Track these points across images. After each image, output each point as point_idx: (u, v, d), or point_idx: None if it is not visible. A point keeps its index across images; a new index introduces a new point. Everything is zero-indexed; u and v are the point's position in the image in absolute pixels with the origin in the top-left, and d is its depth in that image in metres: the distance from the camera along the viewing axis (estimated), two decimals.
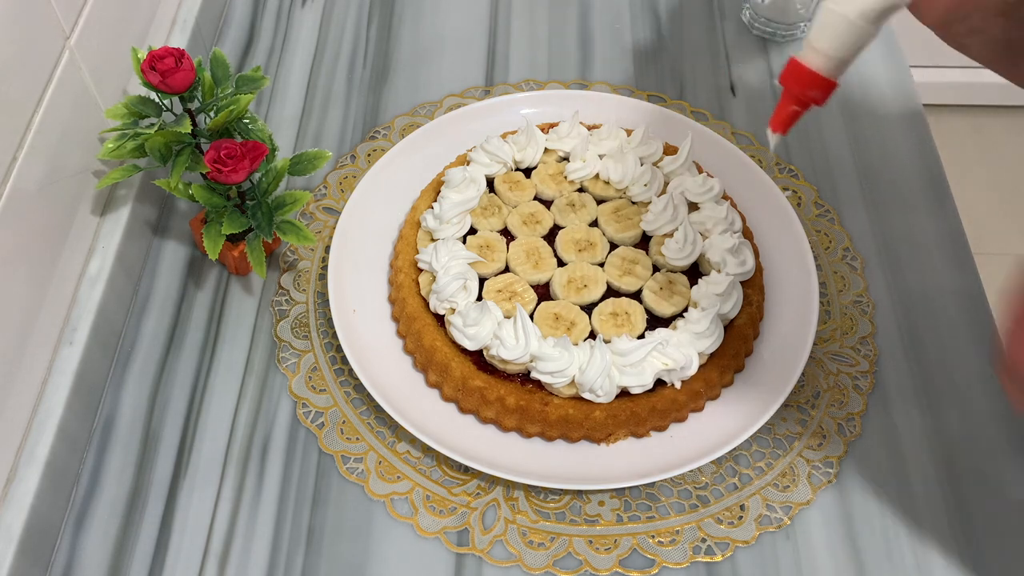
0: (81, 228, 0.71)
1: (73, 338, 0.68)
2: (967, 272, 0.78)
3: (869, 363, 0.73)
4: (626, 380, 0.64)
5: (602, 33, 0.95)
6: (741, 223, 0.74)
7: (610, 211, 0.74)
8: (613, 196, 0.76)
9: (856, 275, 0.77)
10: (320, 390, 0.70)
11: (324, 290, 0.75)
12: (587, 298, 0.69)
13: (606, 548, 0.64)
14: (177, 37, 0.85)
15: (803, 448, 0.68)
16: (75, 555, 0.64)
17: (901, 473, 0.67)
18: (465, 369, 0.66)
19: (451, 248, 0.69)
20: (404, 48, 0.94)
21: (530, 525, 0.65)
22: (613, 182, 0.76)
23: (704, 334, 0.66)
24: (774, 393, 0.67)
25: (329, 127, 0.87)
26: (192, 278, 0.77)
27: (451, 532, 0.64)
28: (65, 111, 0.67)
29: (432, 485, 0.66)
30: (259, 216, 0.70)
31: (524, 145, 0.77)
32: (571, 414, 0.65)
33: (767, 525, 0.65)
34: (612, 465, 0.66)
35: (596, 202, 0.76)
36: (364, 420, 0.69)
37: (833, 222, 0.81)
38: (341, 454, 0.67)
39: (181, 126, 0.67)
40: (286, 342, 0.73)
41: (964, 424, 0.70)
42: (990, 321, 0.75)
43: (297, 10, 0.97)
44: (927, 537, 0.64)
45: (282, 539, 0.64)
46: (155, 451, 0.68)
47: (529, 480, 0.64)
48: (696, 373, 0.66)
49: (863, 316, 0.75)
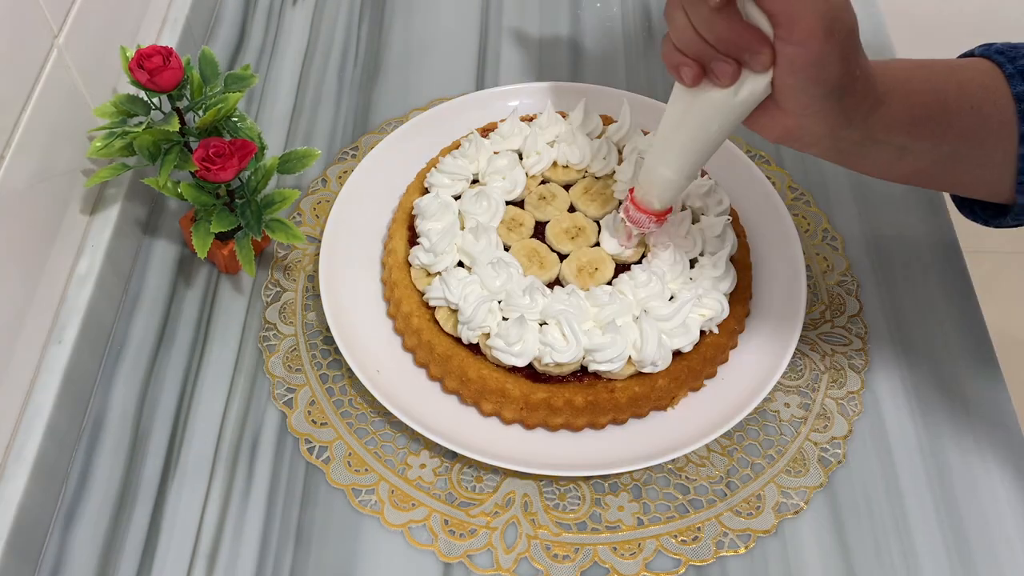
0: (70, 227, 0.71)
1: (62, 337, 0.68)
2: (941, 219, 0.81)
3: (861, 341, 0.74)
4: (677, 342, 0.66)
5: (593, 34, 0.95)
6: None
7: (581, 192, 0.75)
8: (576, 178, 0.77)
9: (838, 255, 0.79)
10: (322, 424, 0.69)
11: (317, 316, 0.75)
12: (600, 280, 0.70)
13: (631, 553, 0.64)
14: (167, 35, 0.85)
15: (809, 432, 0.69)
16: (64, 553, 0.64)
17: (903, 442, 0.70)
18: (523, 386, 0.66)
19: (459, 276, 0.68)
20: (395, 48, 0.94)
21: (552, 539, 0.64)
22: (573, 164, 0.76)
23: (722, 276, 0.69)
24: (783, 345, 0.70)
25: (320, 126, 0.87)
26: (182, 277, 0.77)
27: (475, 555, 0.63)
28: (53, 110, 0.67)
29: (449, 509, 0.65)
30: (248, 214, 0.70)
31: (474, 155, 0.76)
32: (638, 391, 0.66)
33: (785, 512, 0.65)
34: (641, 443, 0.67)
35: (563, 188, 0.76)
36: (371, 450, 0.68)
37: (809, 204, 0.82)
38: (352, 487, 0.66)
39: (169, 124, 0.67)
40: (279, 376, 0.73)
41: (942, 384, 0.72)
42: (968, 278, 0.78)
43: (288, 9, 0.97)
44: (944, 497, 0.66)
45: (271, 539, 0.64)
46: (144, 450, 0.68)
47: (568, 472, 0.65)
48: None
49: (849, 295, 0.76)
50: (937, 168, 0.57)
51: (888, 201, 0.83)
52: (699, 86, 0.52)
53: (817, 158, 0.84)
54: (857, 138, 0.53)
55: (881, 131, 0.53)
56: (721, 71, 0.50)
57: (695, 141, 0.57)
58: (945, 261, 0.79)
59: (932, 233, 0.81)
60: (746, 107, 0.52)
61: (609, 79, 0.91)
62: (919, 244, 0.80)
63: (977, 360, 0.73)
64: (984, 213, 0.63)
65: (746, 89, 0.51)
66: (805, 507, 0.66)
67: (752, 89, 0.51)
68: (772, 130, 0.53)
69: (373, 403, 0.70)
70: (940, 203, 0.83)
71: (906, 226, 0.81)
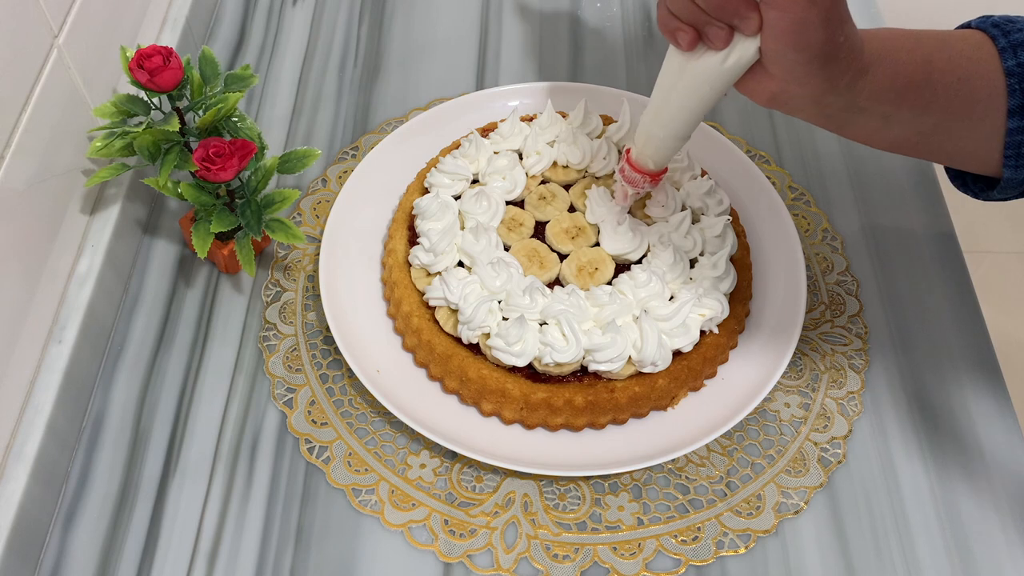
0: (70, 227, 0.71)
1: (62, 336, 0.68)
2: (941, 219, 0.81)
3: (862, 341, 0.74)
4: (677, 342, 0.66)
5: (593, 34, 0.95)
6: (699, 168, 0.76)
7: (580, 192, 0.75)
8: (576, 178, 0.77)
9: (838, 255, 0.79)
10: (322, 424, 0.69)
11: (317, 313, 0.75)
12: (600, 280, 0.70)
13: (631, 553, 0.64)
14: (168, 35, 0.85)
15: (809, 432, 0.69)
16: (64, 553, 0.64)
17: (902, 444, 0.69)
18: (523, 386, 0.66)
19: (459, 276, 0.68)
20: (395, 48, 0.94)
21: (552, 539, 0.64)
22: (573, 164, 0.76)
23: (722, 276, 0.70)
24: (784, 344, 0.70)
25: (320, 126, 0.87)
26: (182, 277, 0.77)
27: (475, 555, 0.63)
28: (54, 110, 0.67)
29: (449, 509, 0.65)
30: (248, 214, 0.70)
31: (474, 155, 0.76)
32: (638, 391, 0.66)
33: (785, 512, 0.66)
34: (641, 443, 0.67)
35: (563, 188, 0.76)
36: (371, 450, 0.68)
37: (809, 204, 0.82)
38: (352, 487, 0.66)
39: (169, 124, 0.67)
40: (279, 376, 0.73)
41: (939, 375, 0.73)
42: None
43: (288, 9, 0.97)
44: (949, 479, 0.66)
45: (271, 538, 0.64)
46: (144, 449, 0.68)
47: (572, 472, 0.65)
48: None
49: (849, 295, 0.76)
50: (923, 138, 0.58)
51: (888, 201, 0.83)
52: (692, 52, 0.55)
53: (817, 157, 0.85)
54: (842, 104, 0.54)
55: (866, 99, 0.54)
56: (714, 35, 0.53)
57: (687, 104, 0.59)
58: (945, 261, 0.79)
59: (932, 233, 0.81)
60: (736, 71, 0.54)
61: (609, 79, 0.91)
62: (919, 244, 0.80)
63: (977, 360, 0.73)
64: (975, 185, 0.63)
65: (735, 54, 0.53)
66: (805, 507, 0.66)
67: (741, 54, 0.53)
68: (760, 94, 0.55)
69: (373, 403, 0.70)
70: (940, 203, 0.83)
71: (906, 226, 0.81)
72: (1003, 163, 0.58)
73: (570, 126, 0.78)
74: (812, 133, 0.87)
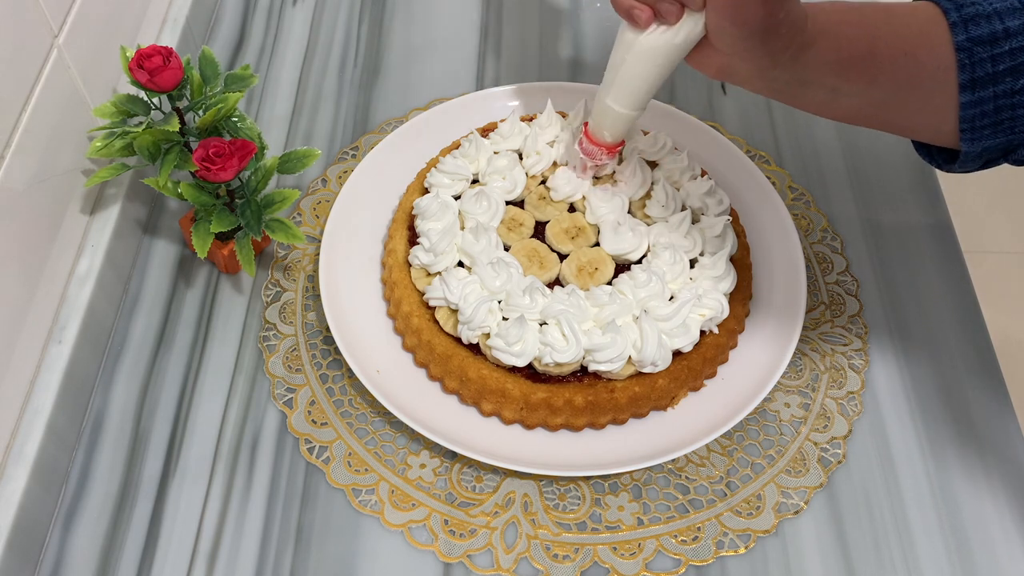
0: (70, 227, 0.71)
1: (62, 337, 0.68)
2: (942, 219, 0.81)
3: (862, 341, 0.74)
4: (677, 342, 0.66)
5: (593, 34, 0.95)
6: (700, 169, 0.77)
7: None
8: None
9: (838, 255, 0.79)
10: (322, 424, 0.69)
11: (316, 313, 0.75)
12: (600, 280, 0.70)
13: (631, 553, 0.64)
14: (167, 35, 0.85)
15: (809, 432, 0.69)
16: (64, 553, 0.64)
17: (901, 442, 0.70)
18: (523, 386, 0.66)
19: (459, 276, 0.68)
20: (395, 48, 0.94)
21: (552, 539, 0.64)
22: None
23: (722, 276, 0.70)
24: (786, 339, 0.70)
25: (320, 126, 0.87)
26: (182, 277, 0.77)
27: (475, 555, 0.64)
28: (53, 110, 0.67)
29: (449, 509, 0.65)
30: (248, 214, 0.70)
31: (474, 155, 0.76)
32: (638, 391, 0.66)
33: (785, 512, 0.66)
34: (641, 443, 0.67)
35: None
36: (371, 450, 0.68)
37: (809, 204, 0.82)
38: (352, 487, 0.66)
39: (169, 124, 0.67)
40: (279, 376, 0.73)
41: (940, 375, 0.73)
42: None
43: (288, 9, 0.97)
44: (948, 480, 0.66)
45: (271, 538, 0.64)
46: (144, 449, 0.68)
47: (572, 472, 0.65)
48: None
49: (849, 295, 0.76)
50: (874, 110, 0.58)
51: (888, 201, 0.83)
52: (644, 30, 0.59)
53: (817, 156, 0.85)
54: (787, 78, 0.56)
55: (811, 72, 0.56)
56: (667, 11, 0.57)
57: (640, 78, 0.62)
58: (945, 261, 0.79)
59: (932, 233, 0.81)
60: (685, 47, 0.58)
61: None
62: (919, 244, 0.80)
63: (977, 360, 0.73)
64: (939, 156, 0.62)
65: (683, 31, 0.57)
66: (805, 507, 0.66)
67: (689, 30, 0.57)
68: (708, 67, 0.58)
69: (373, 403, 0.70)
70: (940, 203, 0.83)
71: (906, 226, 0.81)
72: (959, 136, 0.57)
73: (570, 126, 0.78)
74: (812, 133, 0.87)
